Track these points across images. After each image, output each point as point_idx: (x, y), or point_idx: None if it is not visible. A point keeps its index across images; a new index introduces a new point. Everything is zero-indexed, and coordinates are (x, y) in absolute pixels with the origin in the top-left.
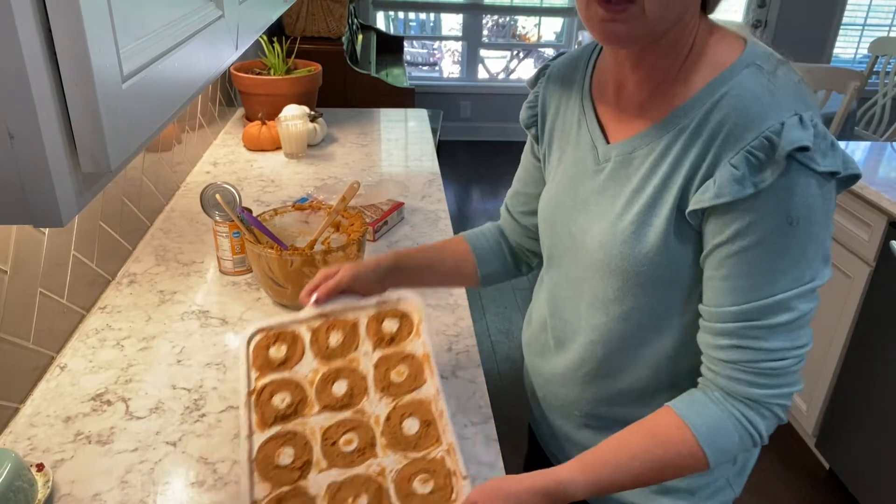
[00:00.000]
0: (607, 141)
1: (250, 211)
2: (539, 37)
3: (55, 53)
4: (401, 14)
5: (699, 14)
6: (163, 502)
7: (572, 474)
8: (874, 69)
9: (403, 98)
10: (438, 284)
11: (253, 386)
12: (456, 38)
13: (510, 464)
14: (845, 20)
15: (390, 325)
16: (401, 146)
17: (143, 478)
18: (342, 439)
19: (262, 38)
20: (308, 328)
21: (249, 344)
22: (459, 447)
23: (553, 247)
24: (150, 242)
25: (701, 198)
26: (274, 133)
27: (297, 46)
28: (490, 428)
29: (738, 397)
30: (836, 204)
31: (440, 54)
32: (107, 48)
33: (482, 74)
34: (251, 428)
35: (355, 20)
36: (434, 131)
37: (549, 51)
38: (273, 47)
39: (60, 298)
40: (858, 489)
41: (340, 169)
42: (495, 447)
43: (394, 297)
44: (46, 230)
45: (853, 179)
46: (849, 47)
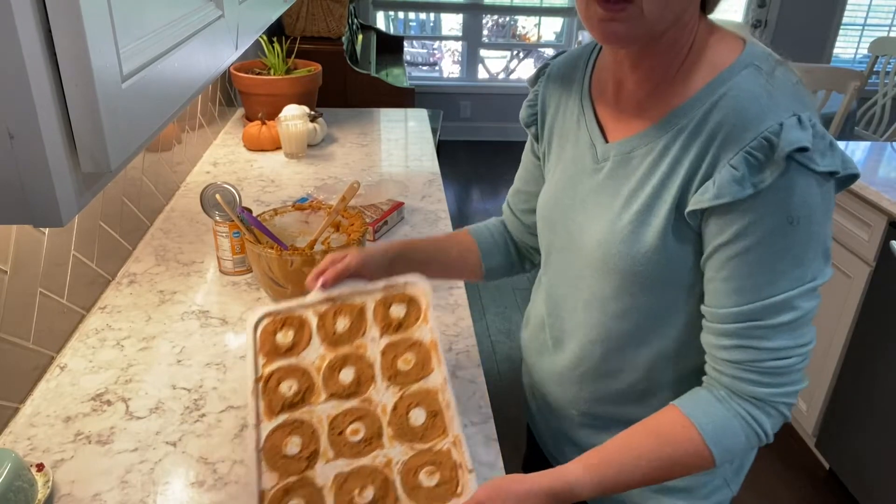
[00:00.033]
0: (606, 140)
1: (250, 211)
2: (539, 37)
3: (55, 53)
4: (401, 14)
5: (698, 14)
6: (163, 502)
7: (579, 475)
8: (874, 69)
9: (403, 98)
10: (443, 276)
11: (260, 373)
12: (456, 38)
13: (510, 463)
14: (845, 20)
15: (398, 311)
16: (401, 146)
17: (143, 478)
18: (349, 429)
19: (262, 38)
20: (315, 313)
21: (257, 329)
22: (465, 439)
23: (551, 245)
24: (150, 242)
25: (700, 198)
26: (274, 133)
27: (297, 46)
28: (490, 428)
29: (744, 396)
30: (836, 204)
31: (440, 54)
32: (107, 48)
33: (482, 74)
34: (259, 417)
35: (355, 20)
36: (434, 131)
37: (549, 51)
38: (273, 47)
39: (60, 298)
40: (858, 489)
41: (340, 169)
42: (495, 447)
43: (401, 281)
44: (46, 230)
45: (852, 179)
46: (849, 47)
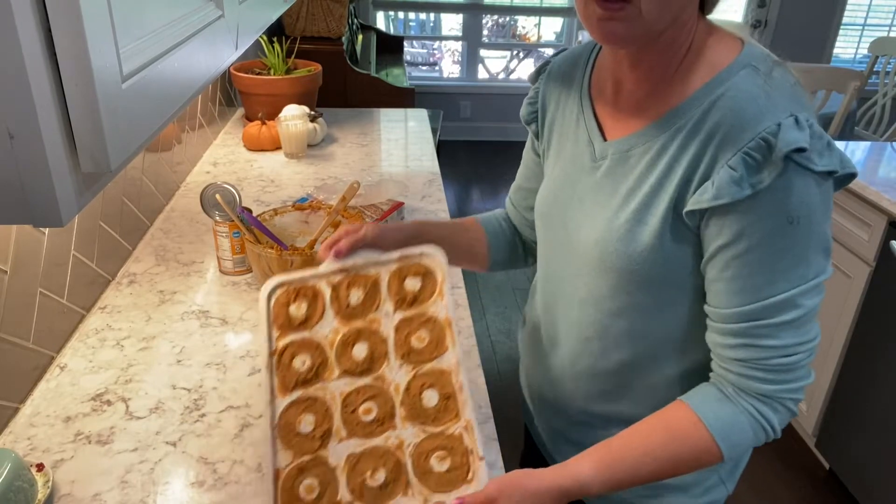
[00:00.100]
0: (604, 138)
1: (250, 211)
2: (539, 37)
3: (55, 53)
4: (401, 14)
5: (697, 14)
6: (163, 502)
7: (590, 472)
8: (874, 69)
9: (403, 98)
10: (450, 262)
11: (274, 346)
12: (456, 38)
13: (510, 463)
14: (845, 20)
15: (413, 284)
16: (401, 146)
17: (143, 478)
18: (362, 408)
19: (262, 38)
20: (328, 283)
21: (270, 300)
22: (477, 424)
23: (548, 242)
24: (150, 242)
25: (699, 199)
26: (274, 133)
27: (297, 46)
28: (490, 428)
29: (751, 393)
30: (836, 204)
31: (440, 54)
32: (107, 48)
33: (482, 74)
34: (273, 393)
35: (355, 20)
36: (434, 131)
37: (549, 51)
38: (273, 47)
39: (60, 298)
40: (858, 489)
41: (340, 169)
42: (495, 447)
43: (416, 252)
44: (46, 230)
45: (850, 178)
46: (849, 47)
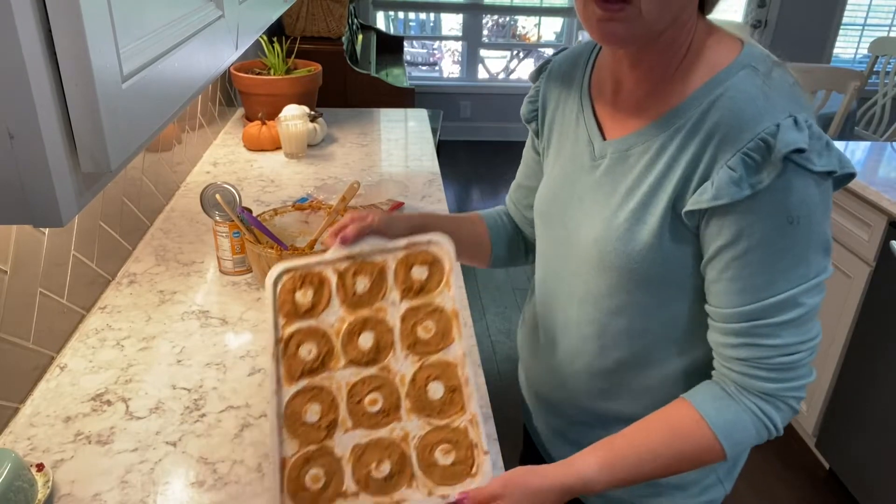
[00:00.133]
0: (604, 138)
1: (250, 211)
2: (539, 37)
3: (55, 53)
4: (401, 14)
5: (697, 15)
6: (163, 502)
7: (594, 470)
8: (874, 69)
9: (403, 98)
10: None
11: (280, 334)
12: (456, 38)
13: (510, 463)
14: (845, 20)
15: (419, 273)
16: (401, 146)
17: (143, 478)
18: (367, 398)
19: (262, 38)
20: (334, 270)
21: (276, 286)
22: (482, 418)
23: (548, 241)
24: (150, 242)
25: (699, 199)
26: (274, 133)
27: (297, 46)
28: (490, 427)
29: (753, 391)
30: (836, 204)
31: (440, 54)
32: (107, 48)
33: (482, 74)
34: (279, 381)
35: (355, 20)
36: (434, 131)
37: (549, 51)
38: (273, 47)
39: (60, 298)
40: (858, 489)
41: (340, 169)
42: (495, 447)
43: (424, 239)
44: (46, 230)
45: (849, 178)
46: (849, 47)
